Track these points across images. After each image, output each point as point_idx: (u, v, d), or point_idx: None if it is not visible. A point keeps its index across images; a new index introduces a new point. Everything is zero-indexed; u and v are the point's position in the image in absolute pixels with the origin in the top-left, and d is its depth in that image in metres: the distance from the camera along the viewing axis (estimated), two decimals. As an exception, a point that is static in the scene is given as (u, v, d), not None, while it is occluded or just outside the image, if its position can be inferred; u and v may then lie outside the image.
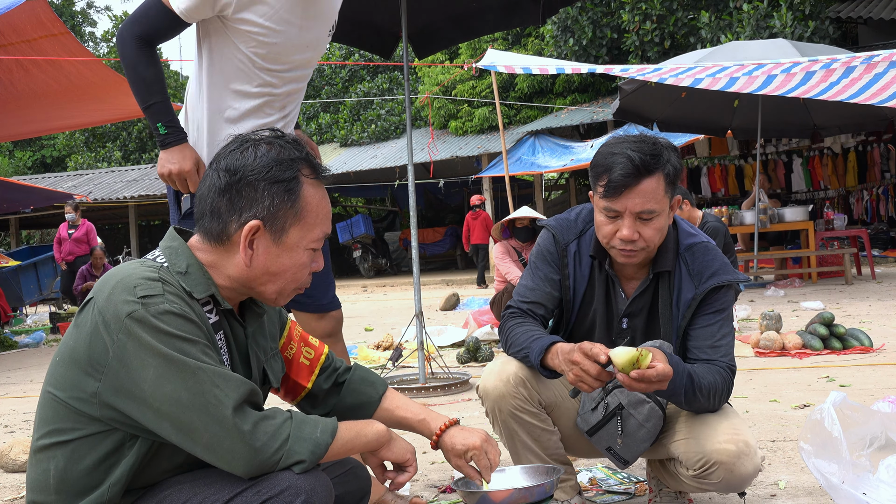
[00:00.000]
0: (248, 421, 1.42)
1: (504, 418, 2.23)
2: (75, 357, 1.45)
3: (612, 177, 2.05)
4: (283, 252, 1.57)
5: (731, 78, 7.03)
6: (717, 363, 2.11)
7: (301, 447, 1.46)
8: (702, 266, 2.16)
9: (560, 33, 17.51)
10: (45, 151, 31.10)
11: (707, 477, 2.05)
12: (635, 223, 2.07)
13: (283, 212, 1.55)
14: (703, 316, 2.15)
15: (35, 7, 7.38)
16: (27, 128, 11.44)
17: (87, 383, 1.44)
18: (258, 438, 1.42)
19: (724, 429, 2.05)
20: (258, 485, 1.43)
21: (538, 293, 2.26)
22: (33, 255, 15.02)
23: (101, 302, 1.45)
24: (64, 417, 1.47)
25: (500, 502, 1.94)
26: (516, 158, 16.68)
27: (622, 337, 2.24)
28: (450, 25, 5.69)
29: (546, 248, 2.29)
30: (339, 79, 24.39)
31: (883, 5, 14.04)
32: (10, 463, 3.58)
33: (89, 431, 1.46)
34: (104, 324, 1.42)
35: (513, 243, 6.51)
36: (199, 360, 1.43)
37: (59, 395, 1.47)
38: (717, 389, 2.07)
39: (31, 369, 7.54)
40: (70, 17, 32.42)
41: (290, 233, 1.57)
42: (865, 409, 2.17)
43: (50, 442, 1.47)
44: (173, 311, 1.43)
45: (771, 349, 5.25)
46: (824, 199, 15.93)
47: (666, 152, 2.09)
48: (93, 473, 1.46)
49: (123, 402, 1.42)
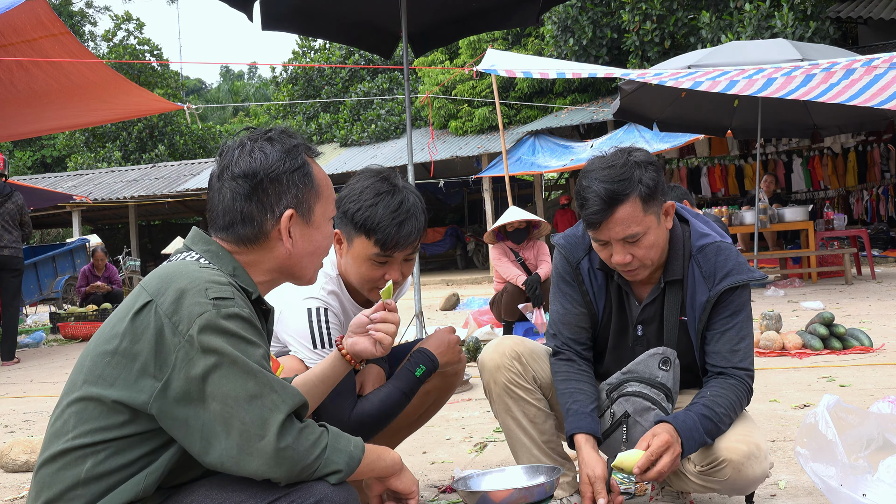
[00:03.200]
0: (295, 428, 1.45)
1: (499, 392, 2.30)
2: (132, 357, 1.45)
3: (586, 214, 2.09)
4: (314, 230, 1.68)
5: (731, 81, 7.03)
6: (734, 374, 2.12)
7: (339, 458, 1.49)
8: (714, 267, 2.16)
9: (560, 33, 17.51)
10: (45, 151, 31.11)
11: (714, 474, 2.06)
12: (624, 247, 2.09)
13: (307, 194, 1.66)
14: (720, 319, 2.16)
15: (35, 7, 7.37)
16: (27, 128, 11.43)
17: (144, 383, 1.44)
18: (302, 444, 1.44)
19: (736, 429, 2.07)
20: (291, 494, 1.44)
21: (570, 323, 2.31)
22: (33, 255, 15.02)
23: (168, 305, 1.45)
24: (109, 416, 1.46)
25: (500, 502, 1.94)
26: (516, 158, 16.68)
27: (640, 344, 2.26)
28: (449, 25, 5.70)
29: (563, 269, 2.33)
30: (339, 79, 24.40)
31: (883, 5, 14.04)
32: (10, 463, 3.58)
33: (138, 430, 1.46)
34: (172, 326, 1.43)
35: (509, 244, 6.52)
36: (262, 364, 1.46)
37: (107, 394, 1.46)
38: (737, 406, 2.09)
39: (31, 369, 7.54)
40: (69, 17, 32.42)
41: (316, 210, 1.68)
42: (860, 411, 2.17)
43: (91, 441, 1.47)
44: (242, 315, 1.48)
45: (771, 349, 5.26)
46: (824, 199, 15.93)
47: (637, 171, 2.08)
48: (130, 468, 1.47)
49: (178, 403, 1.43)
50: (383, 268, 2.23)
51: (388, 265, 2.23)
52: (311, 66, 24.48)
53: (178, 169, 23.25)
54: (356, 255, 2.23)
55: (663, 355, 2.15)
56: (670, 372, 2.15)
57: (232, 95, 49.03)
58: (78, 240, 16.73)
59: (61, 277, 14.72)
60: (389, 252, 2.19)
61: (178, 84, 30.52)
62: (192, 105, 11.37)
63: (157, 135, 27.52)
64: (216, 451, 1.42)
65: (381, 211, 2.17)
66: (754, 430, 2.09)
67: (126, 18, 29.31)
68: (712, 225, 2.30)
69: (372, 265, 2.23)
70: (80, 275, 12.29)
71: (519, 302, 6.33)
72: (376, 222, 2.16)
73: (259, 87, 48.68)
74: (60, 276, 14.76)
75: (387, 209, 2.17)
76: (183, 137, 27.75)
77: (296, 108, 25.18)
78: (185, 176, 22.04)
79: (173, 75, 30.32)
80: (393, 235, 2.17)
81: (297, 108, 25.09)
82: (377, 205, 2.18)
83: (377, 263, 2.22)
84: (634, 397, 2.15)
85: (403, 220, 2.18)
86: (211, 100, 47.45)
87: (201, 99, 45.94)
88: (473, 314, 7.43)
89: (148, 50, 29.18)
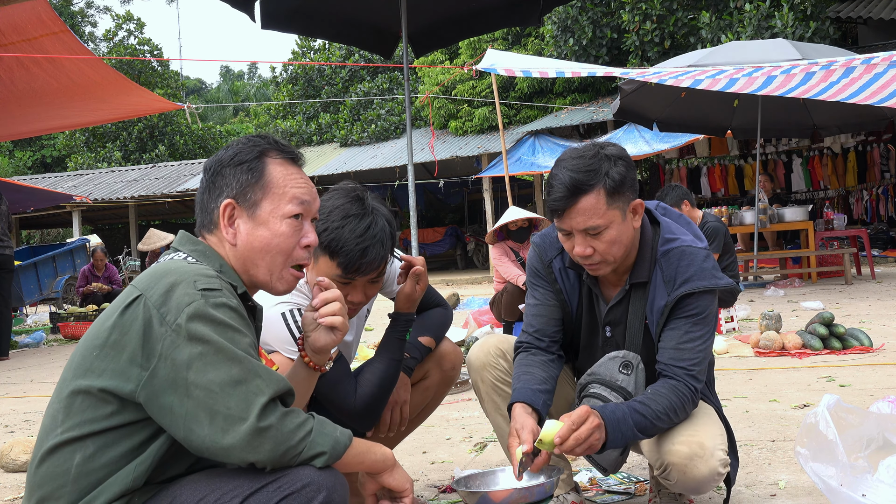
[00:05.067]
0: (279, 411, 1.47)
1: (486, 390, 2.33)
2: (121, 348, 1.48)
3: (550, 201, 2.09)
4: (260, 226, 1.68)
5: (731, 79, 7.03)
6: (675, 375, 2.08)
7: (323, 440, 1.50)
8: (675, 272, 2.13)
9: (560, 33, 17.51)
10: (45, 151, 31.11)
11: (666, 478, 2.06)
12: (586, 239, 2.09)
13: (251, 188, 1.68)
14: (674, 320, 2.13)
15: (36, 6, 7.39)
16: (27, 127, 11.44)
17: (132, 372, 1.47)
18: (285, 426, 1.46)
19: (682, 430, 2.05)
20: (279, 480, 1.45)
21: (541, 316, 2.30)
22: (33, 255, 15.02)
23: (157, 297, 1.49)
24: (97, 407, 1.49)
25: (500, 502, 1.94)
26: (516, 158, 16.67)
27: (609, 345, 2.25)
28: (449, 25, 5.70)
29: (535, 266, 2.34)
30: (339, 79, 24.39)
31: (883, 5, 14.04)
32: (10, 463, 3.59)
33: (126, 420, 1.49)
34: (160, 316, 1.47)
35: (509, 244, 6.52)
36: (248, 352, 1.49)
37: (94, 384, 1.49)
38: (677, 407, 2.04)
39: (31, 369, 7.54)
40: (69, 17, 32.42)
41: (263, 206, 1.68)
42: (860, 411, 2.16)
43: (79, 433, 1.49)
44: (230, 304, 1.52)
45: (771, 349, 5.26)
46: (824, 199, 15.93)
47: (605, 164, 2.06)
48: (119, 462, 1.49)
49: (165, 390, 1.45)
50: (346, 288, 2.23)
51: (350, 286, 2.23)
52: (312, 66, 24.47)
53: (178, 169, 23.24)
54: (320, 273, 2.23)
55: (624, 359, 2.12)
56: (631, 376, 2.11)
57: (232, 95, 49.00)
58: (78, 240, 16.74)
59: (61, 277, 14.72)
60: (351, 276, 2.20)
61: (179, 84, 30.48)
62: (192, 105, 11.37)
63: (158, 135, 27.51)
64: (200, 435, 1.43)
65: (347, 234, 2.16)
66: (702, 428, 2.05)
67: (126, 18, 29.32)
68: (692, 228, 2.27)
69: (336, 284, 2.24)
70: (80, 275, 12.29)
71: (519, 302, 6.33)
72: (340, 245, 2.15)
73: (259, 88, 48.67)
74: (60, 276, 14.76)
75: (352, 233, 2.16)
76: (183, 137, 27.73)
77: (296, 108, 25.16)
78: (185, 176, 22.04)
79: (173, 75, 30.29)
80: (355, 260, 2.16)
81: (297, 108, 25.07)
82: (343, 227, 2.16)
83: (340, 283, 2.22)
84: (594, 399, 2.11)
85: (368, 246, 2.16)
86: (211, 100, 47.42)
87: (201, 99, 45.92)
88: (473, 314, 7.43)
89: (148, 50, 29.18)
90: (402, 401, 2.45)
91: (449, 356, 2.60)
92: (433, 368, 2.57)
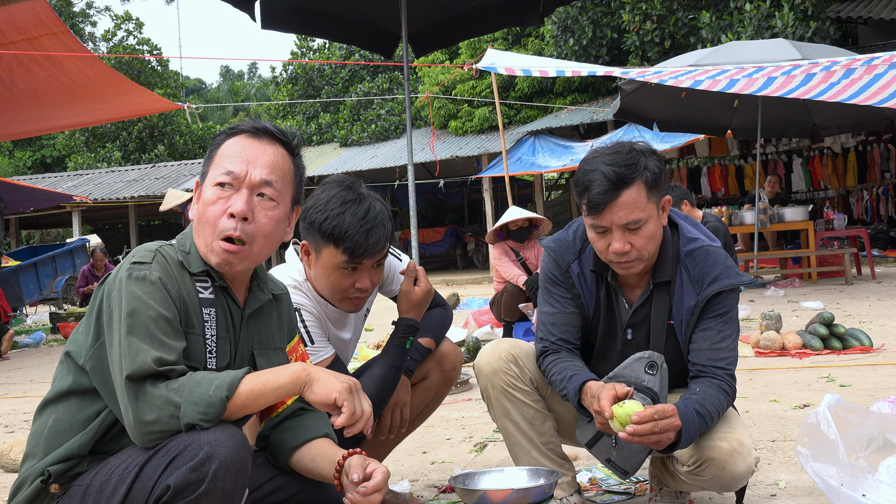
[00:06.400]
0: (137, 393, 1.54)
1: (497, 395, 2.29)
2: (90, 321, 1.68)
3: (591, 195, 2.07)
4: (200, 198, 1.74)
5: (731, 80, 7.03)
6: (716, 374, 2.10)
7: (191, 411, 1.53)
8: (703, 272, 2.14)
9: (560, 33, 17.50)
10: (45, 151, 31.09)
11: (700, 473, 2.06)
12: (624, 235, 2.07)
13: (207, 164, 1.76)
14: (705, 320, 2.14)
15: (35, 7, 7.39)
16: (27, 127, 11.44)
17: (87, 340, 1.67)
18: (146, 412, 1.53)
19: (719, 427, 2.06)
20: (167, 445, 1.53)
21: (561, 325, 2.27)
22: (33, 255, 15.02)
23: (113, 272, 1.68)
24: (67, 374, 1.69)
25: (500, 502, 1.94)
26: (516, 158, 16.67)
27: (629, 347, 2.24)
28: (449, 25, 5.70)
29: (551, 272, 2.30)
30: (339, 79, 24.38)
31: (883, 5, 14.04)
32: (10, 463, 3.58)
33: (80, 386, 1.66)
34: (108, 290, 1.65)
35: (510, 244, 6.52)
36: (142, 324, 1.57)
37: (70, 352, 1.70)
38: (722, 407, 2.08)
39: (31, 369, 7.54)
40: (69, 18, 32.41)
41: (207, 177, 1.74)
42: (861, 411, 2.16)
43: (53, 396, 1.69)
44: (150, 278, 1.62)
45: (771, 349, 5.25)
46: (824, 199, 15.92)
47: (643, 158, 2.08)
48: (77, 428, 1.65)
49: (95, 353, 1.65)
50: (353, 275, 2.25)
51: (357, 273, 2.25)
52: (311, 66, 24.46)
53: (178, 169, 23.23)
54: (325, 265, 2.24)
55: (650, 359, 2.12)
56: (657, 376, 2.11)
57: (232, 95, 48.99)
58: (78, 240, 16.74)
59: (61, 277, 14.72)
60: (358, 260, 2.21)
61: (178, 84, 30.49)
62: (192, 105, 11.37)
63: (157, 135, 27.50)
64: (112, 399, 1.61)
65: (349, 219, 2.18)
66: (737, 426, 2.08)
67: (125, 18, 29.31)
68: (702, 228, 2.28)
69: (341, 274, 2.24)
70: (80, 275, 12.28)
71: (519, 302, 6.33)
72: (344, 231, 2.18)
73: (259, 88, 48.66)
74: (60, 276, 14.77)
75: (354, 217, 2.18)
76: (183, 137, 27.72)
77: (296, 108, 25.15)
78: (185, 176, 22.03)
79: (173, 75, 30.29)
80: (361, 243, 2.18)
81: (297, 108, 25.06)
82: (344, 213, 2.19)
83: (346, 272, 2.23)
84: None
85: (371, 227, 2.19)
86: (211, 99, 47.40)
87: (201, 99, 45.90)
88: (473, 314, 7.43)
89: (147, 50, 29.17)
90: (402, 402, 2.45)
91: (449, 356, 2.59)
92: (433, 369, 2.56)
